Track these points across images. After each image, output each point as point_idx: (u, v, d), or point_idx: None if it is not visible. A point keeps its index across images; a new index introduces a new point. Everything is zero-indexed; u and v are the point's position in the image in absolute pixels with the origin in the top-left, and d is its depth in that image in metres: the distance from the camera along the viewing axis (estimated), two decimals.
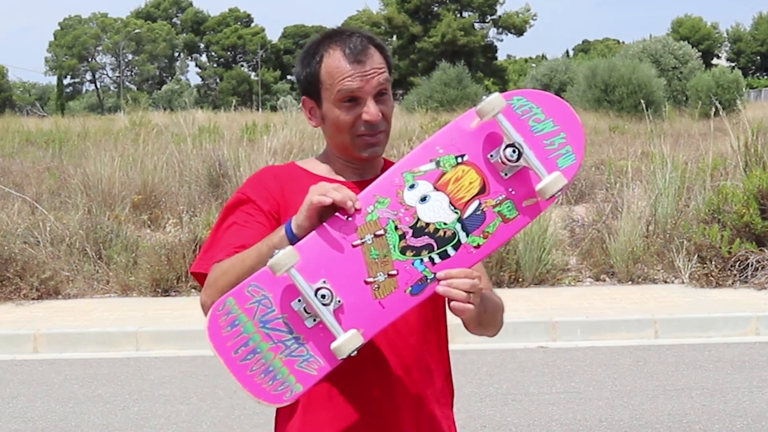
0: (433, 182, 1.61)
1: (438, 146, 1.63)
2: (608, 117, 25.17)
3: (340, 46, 1.77)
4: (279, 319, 1.57)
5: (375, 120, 1.76)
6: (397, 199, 1.61)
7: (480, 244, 1.62)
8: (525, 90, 1.68)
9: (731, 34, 72.61)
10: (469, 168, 1.62)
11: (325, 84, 1.77)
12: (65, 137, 17.18)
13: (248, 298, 1.57)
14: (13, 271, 7.52)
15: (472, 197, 1.61)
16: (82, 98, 73.04)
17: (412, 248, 1.60)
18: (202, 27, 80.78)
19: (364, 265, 1.58)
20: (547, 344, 6.34)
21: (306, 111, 1.86)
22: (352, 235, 1.58)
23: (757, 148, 8.60)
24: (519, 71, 71.34)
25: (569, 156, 1.63)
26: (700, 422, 4.62)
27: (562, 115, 1.64)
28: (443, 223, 1.61)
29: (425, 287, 1.60)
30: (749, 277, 7.48)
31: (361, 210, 1.60)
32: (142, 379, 5.72)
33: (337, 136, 1.80)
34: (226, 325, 1.59)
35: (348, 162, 1.84)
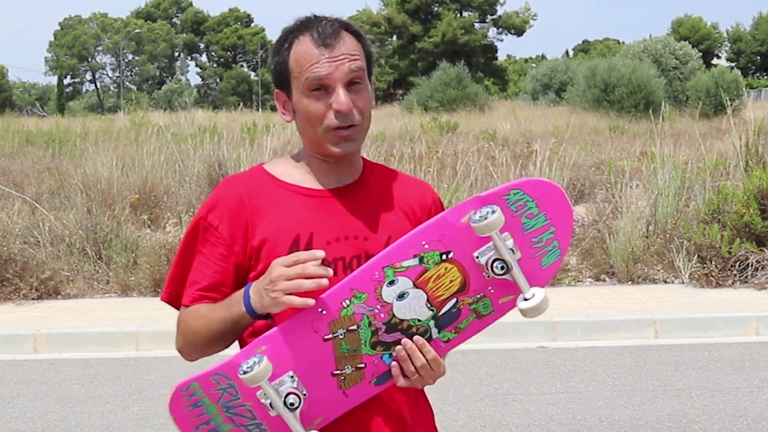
0: (414, 279, 1.56)
1: (424, 241, 1.55)
2: (608, 117, 25.16)
3: (308, 31, 1.64)
4: (243, 406, 1.57)
5: (345, 110, 1.61)
6: (374, 295, 1.55)
7: (450, 338, 1.60)
8: (524, 181, 1.59)
9: (731, 34, 72.59)
10: (453, 266, 1.56)
11: (294, 72, 1.65)
12: (65, 137, 17.17)
13: (213, 385, 1.57)
14: (13, 271, 7.52)
15: (450, 295, 1.57)
16: (82, 98, 73.02)
17: (383, 343, 1.57)
18: (202, 27, 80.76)
19: (333, 358, 1.56)
20: (547, 344, 6.34)
21: (279, 105, 1.73)
22: (324, 329, 1.55)
23: (757, 148, 8.60)
24: (519, 71, 71.33)
25: (554, 252, 1.60)
26: (700, 422, 4.62)
27: (555, 206, 1.59)
28: (418, 320, 1.58)
29: (390, 378, 1.60)
30: (749, 277, 7.48)
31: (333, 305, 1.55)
32: (142, 379, 5.72)
33: (308, 130, 1.67)
34: (189, 405, 1.58)
35: (323, 161, 1.70)
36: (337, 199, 1.69)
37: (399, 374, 1.58)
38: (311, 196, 1.69)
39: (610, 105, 27.71)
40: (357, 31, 1.69)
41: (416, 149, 11.27)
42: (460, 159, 10.09)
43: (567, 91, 34.82)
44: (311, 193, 1.69)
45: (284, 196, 1.68)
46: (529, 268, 1.57)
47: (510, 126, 20.03)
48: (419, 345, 1.57)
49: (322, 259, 1.56)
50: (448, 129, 18.46)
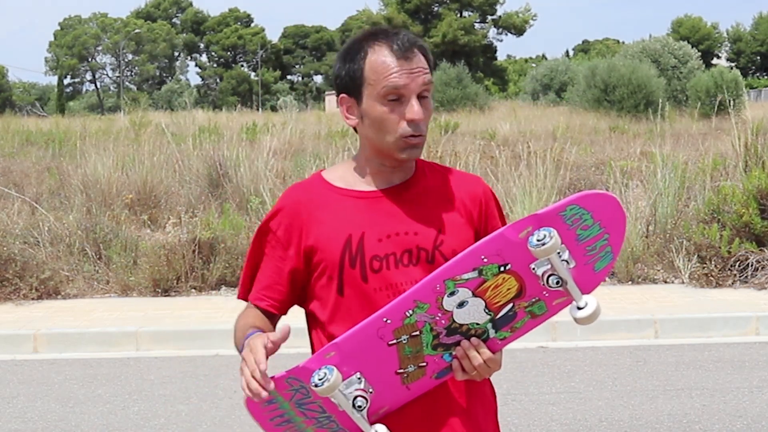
0: (473, 289, 1.64)
1: (483, 255, 1.63)
2: (608, 117, 25.17)
3: (386, 43, 1.73)
4: (314, 402, 1.68)
5: (419, 119, 1.72)
6: (436, 305, 1.64)
7: (506, 337, 1.70)
8: (580, 196, 1.64)
9: (731, 34, 72.61)
10: (510, 276, 1.64)
11: (369, 80, 1.73)
12: (65, 137, 17.17)
13: (286, 386, 1.67)
14: (13, 271, 7.52)
15: (507, 301, 1.66)
16: (82, 98, 73.06)
17: (443, 345, 1.68)
18: (202, 27, 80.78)
19: (397, 359, 1.67)
20: (547, 344, 6.34)
21: (343, 109, 1.81)
22: (388, 335, 1.65)
23: (756, 148, 8.61)
24: (519, 71, 71.38)
25: (607, 257, 1.68)
26: (700, 422, 4.62)
27: (610, 215, 1.65)
28: (476, 323, 1.67)
29: (450, 372, 1.71)
30: (749, 277, 7.48)
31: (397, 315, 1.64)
32: (142, 379, 5.72)
33: (376, 135, 1.76)
34: (265, 401, 1.67)
35: (382, 164, 1.80)
36: (387, 198, 1.79)
37: (459, 369, 1.69)
38: (361, 198, 1.79)
39: (610, 105, 27.71)
40: (424, 47, 1.78)
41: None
42: (459, 159, 10.09)
43: (567, 91, 34.83)
44: (361, 195, 1.79)
45: (336, 201, 1.80)
46: (583, 274, 1.66)
47: (510, 126, 20.03)
48: (476, 345, 1.67)
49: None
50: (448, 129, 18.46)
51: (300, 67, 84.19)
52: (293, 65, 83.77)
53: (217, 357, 6.15)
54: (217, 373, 5.72)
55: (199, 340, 6.42)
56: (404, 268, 1.74)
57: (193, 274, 7.69)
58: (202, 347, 6.36)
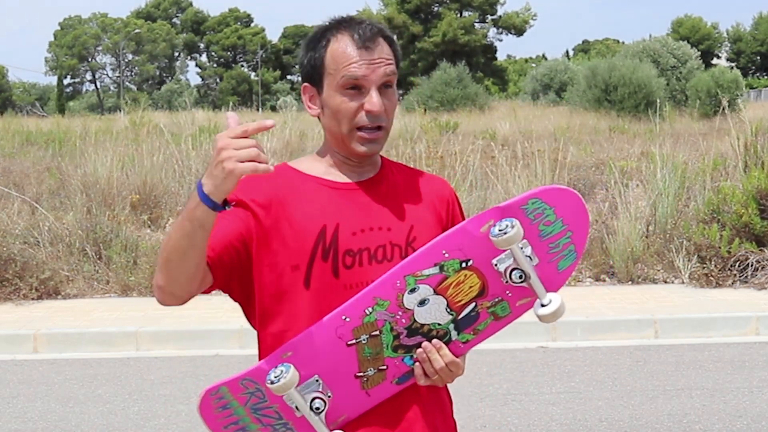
0: (434, 286, 1.60)
1: (444, 250, 1.59)
2: (608, 117, 25.16)
3: (348, 32, 1.70)
4: (270, 407, 1.61)
5: (377, 111, 1.67)
6: (396, 302, 1.59)
7: (469, 339, 1.66)
8: (542, 189, 1.61)
9: (731, 34, 72.60)
10: (472, 273, 1.60)
11: (329, 69, 1.69)
12: (65, 137, 17.16)
13: (241, 389, 1.61)
14: (13, 271, 7.52)
15: (470, 300, 1.62)
16: (82, 98, 73.03)
17: (404, 347, 1.63)
18: (202, 27, 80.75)
19: (356, 361, 1.61)
20: (547, 344, 6.34)
21: (305, 98, 1.76)
22: (347, 335, 1.60)
23: (756, 148, 8.61)
24: (519, 71, 71.37)
25: (570, 256, 1.64)
26: (700, 422, 4.62)
27: (572, 212, 1.62)
28: (438, 323, 1.63)
29: (411, 377, 1.65)
30: (749, 277, 7.48)
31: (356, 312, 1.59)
32: (142, 379, 5.72)
33: (335, 126, 1.71)
34: (218, 407, 1.62)
35: (346, 158, 1.75)
36: (361, 191, 1.74)
37: (421, 374, 1.65)
38: (336, 188, 1.73)
39: (610, 105, 27.70)
40: (390, 37, 1.74)
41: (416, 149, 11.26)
42: (459, 159, 10.09)
43: (567, 91, 34.81)
44: (336, 185, 1.74)
45: (311, 188, 1.73)
46: (546, 273, 1.62)
47: (510, 126, 20.01)
48: (437, 348, 1.63)
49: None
50: (449, 129, 18.45)
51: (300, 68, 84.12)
52: (293, 65, 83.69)
53: (217, 357, 6.15)
54: (217, 373, 5.72)
55: (199, 340, 6.42)
56: (377, 265, 1.68)
57: None
58: (202, 347, 6.37)
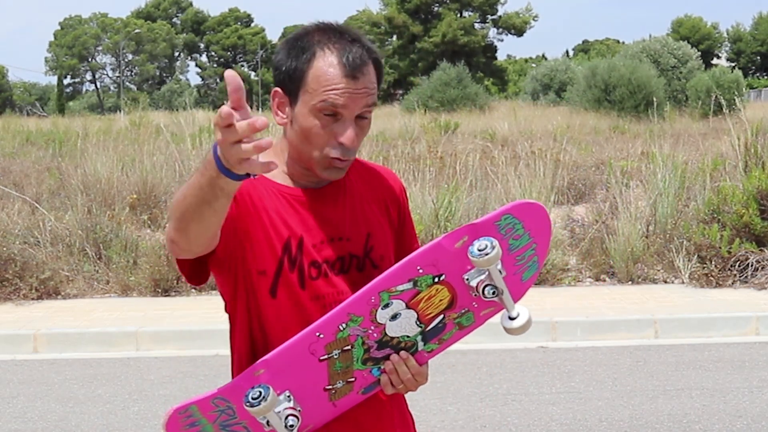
0: (407, 301, 1.62)
1: (419, 266, 1.61)
2: (608, 117, 25.16)
3: (337, 51, 1.60)
4: (239, 424, 1.61)
5: (350, 145, 1.61)
6: (369, 318, 1.61)
7: (433, 349, 1.69)
8: (513, 205, 1.64)
9: (731, 34, 72.61)
10: (443, 287, 1.63)
11: (309, 86, 1.60)
12: (65, 137, 17.17)
13: (212, 407, 1.61)
14: (13, 271, 7.51)
15: (439, 312, 1.65)
16: (82, 98, 73.02)
17: (373, 359, 1.65)
18: (202, 27, 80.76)
19: (326, 375, 1.63)
20: (547, 344, 6.34)
21: (274, 103, 1.67)
22: (320, 350, 1.61)
23: (756, 148, 8.60)
24: (519, 71, 71.38)
25: (533, 267, 1.68)
26: (700, 422, 4.62)
27: (538, 225, 1.65)
28: (407, 336, 1.65)
29: (376, 387, 1.68)
30: (749, 277, 7.48)
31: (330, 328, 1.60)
32: (142, 379, 5.72)
33: (302, 146, 1.64)
34: (186, 425, 1.62)
35: (305, 170, 1.70)
36: (318, 201, 1.70)
37: (387, 383, 1.66)
38: (296, 198, 1.69)
39: (610, 105, 27.71)
40: (378, 59, 1.66)
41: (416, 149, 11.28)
42: (459, 159, 10.09)
43: (567, 91, 34.81)
44: (295, 193, 1.69)
45: (274, 194, 1.68)
46: (511, 284, 1.64)
47: (510, 126, 20.02)
48: (405, 359, 1.64)
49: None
50: (448, 129, 18.46)
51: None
52: None
53: (217, 357, 6.15)
54: (217, 373, 5.72)
55: (199, 340, 6.42)
56: (335, 277, 1.67)
57: None
58: (202, 347, 6.36)
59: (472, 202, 8.58)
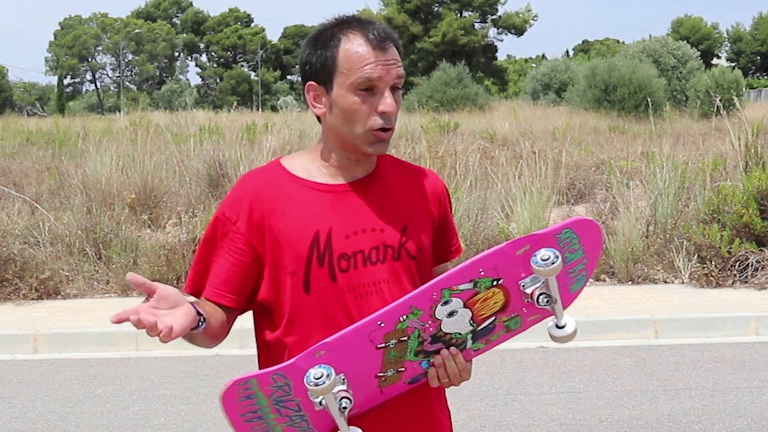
0: (465, 300, 1.69)
1: (481, 268, 1.68)
2: (608, 117, 25.16)
3: (361, 31, 1.69)
4: (293, 401, 1.68)
5: (392, 112, 1.69)
6: (429, 312, 1.67)
7: (480, 348, 1.78)
8: (574, 221, 1.71)
9: (731, 34, 72.62)
10: (500, 291, 1.70)
11: (342, 68, 1.67)
12: (65, 137, 17.17)
13: (270, 383, 1.67)
14: (13, 271, 7.51)
15: (491, 314, 1.72)
16: (82, 98, 73.04)
17: (425, 352, 1.72)
18: (202, 27, 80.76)
19: (380, 363, 1.70)
20: (547, 344, 6.34)
21: (309, 97, 1.74)
22: (379, 339, 1.67)
23: (756, 148, 8.60)
24: (519, 71, 71.38)
25: (581, 280, 1.77)
26: (700, 422, 4.62)
27: (591, 242, 1.74)
28: (459, 333, 1.72)
29: (422, 378, 1.75)
30: (749, 277, 7.48)
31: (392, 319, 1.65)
32: (142, 379, 5.72)
33: (345, 126, 1.70)
34: (242, 396, 1.68)
35: (346, 157, 1.75)
36: (353, 192, 1.75)
37: (434, 377, 1.72)
38: (327, 191, 1.74)
39: (610, 105, 27.70)
40: (396, 40, 1.75)
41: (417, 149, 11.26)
42: (459, 159, 10.09)
43: (567, 91, 34.81)
44: (327, 188, 1.74)
45: (301, 192, 1.73)
46: (561, 294, 1.71)
47: (510, 126, 20.02)
48: (454, 355, 1.71)
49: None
50: (449, 129, 18.46)
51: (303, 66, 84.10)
52: (293, 65, 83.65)
53: (217, 357, 6.15)
54: (217, 373, 5.72)
55: None
56: (371, 267, 1.72)
57: None
58: (202, 347, 6.36)
59: (472, 202, 8.58)
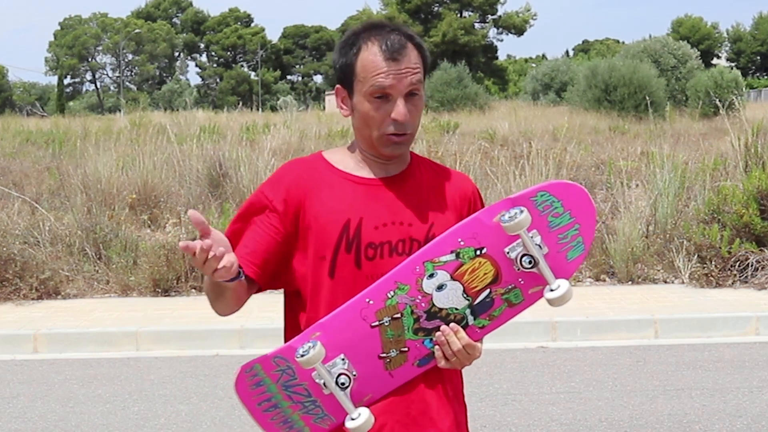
0: (451, 272, 1.72)
1: (460, 238, 1.71)
2: (609, 117, 25.15)
3: (378, 41, 1.78)
4: (300, 385, 1.73)
5: (403, 120, 1.78)
6: (416, 287, 1.71)
7: (485, 325, 1.77)
8: (549, 183, 1.74)
9: (731, 34, 72.59)
10: (486, 260, 1.72)
11: (359, 76, 1.79)
12: (65, 137, 17.16)
13: (273, 367, 1.73)
14: (13, 271, 7.51)
15: (484, 286, 1.73)
16: (82, 98, 73.02)
17: (424, 330, 1.74)
18: (202, 27, 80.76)
19: (379, 343, 1.74)
20: (547, 344, 6.34)
21: (338, 99, 1.87)
22: (371, 317, 1.72)
23: (757, 148, 8.60)
24: (519, 71, 71.35)
25: (579, 247, 1.76)
26: (700, 422, 4.62)
27: (579, 206, 1.75)
28: (455, 308, 1.74)
29: (431, 360, 1.76)
30: (749, 277, 7.48)
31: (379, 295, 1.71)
32: (142, 379, 5.72)
33: (364, 129, 1.82)
34: (253, 384, 1.74)
35: (374, 157, 1.86)
36: (386, 187, 1.84)
37: (441, 356, 1.75)
38: (362, 184, 1.84)
39: (610, 105, 27.70)
40: (420, 43, 1.82)
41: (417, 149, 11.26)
42: (459, 159, 10.08)
43: (567, 91, 34.80)
44: (362, 180, 1.84)
45: (337, 182, 1.84)
46: (556, 262, 1.73)
47: (510, 126, 20.01)
48: (455, 331, 1.74)
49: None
50: (449, 129, 18.46)
51: (300, 67, 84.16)
52: (293, 65, 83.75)
53: (217, 357, 6.15)
54: (217, 373, 5.72)
55: (199, 340, 6.42)
56: (397, 257, 1.78)
57: (193, 274, 7.68)
58: (202, 347, 6.37)
59: None
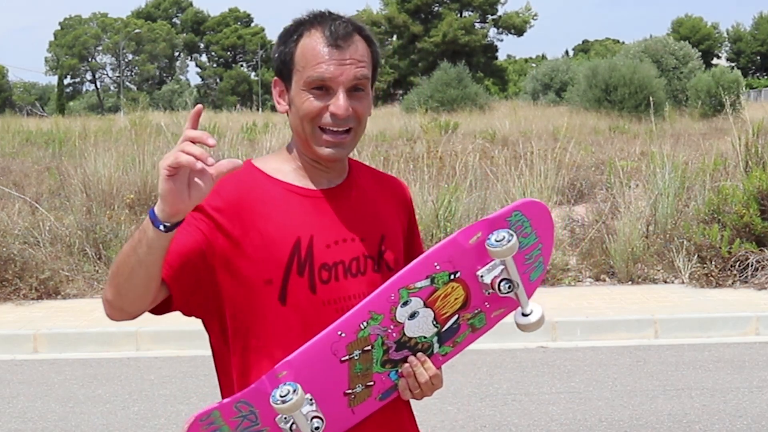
0: (425, 299, 1.61)
1: (436, 262, 1.60)
2: (609, 117, 25.17)
3: (321, 27, 1.60)
4: (262, 431, 1.57)
5: (342, 114, 1.59)
6: (389, 316, 1.59)
7: (447, 352, 1.68)
8: (522, 203, 1.66)
9: (731, 34, 72.58)
10: (459, 285, 1.62)
11: (298, 65, 1.60)
12: (65, 137, 17.17)
13: (234, 413, 1.56)
14: (13, 271, 7.51)
15: (453, 312, 1.64)
16: (82, 98, 73.02)
17: (391, 361, 1.63)
18: (202, 27, 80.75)
19: (347, 378, 1.60)
20: (547, 344, 6.34)
21: (275, 93, 1.68)
22: (342, 350, 1.57)
23: (757, 148, 8.60)
24: (519, 71, 71.34)
25: (540, 267, 1.69)
26: (700, 422, 4.62)
27: (543, 225, 1.67)
28: (424, 337, 1.64)
29: (394, 392, 1.66)
30: (749, 277, 7.48)
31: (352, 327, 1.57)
32: (142, 379, 5.72)
33: (299, 125, 1.63)
34: (205, 424, 1.57)
35: (313, 162, 1.67)
36: (331, 200, 1.67)
37: (405, 388, 1.64)
38: (306, 197, 1.66)
39: (610, 105, 27.71)
40: (369, 36, 1.65)
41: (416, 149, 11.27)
42: (459, 159, 10.08)
43: (567, 91, 34.82)
44: (306, 193, 1.66)
45: (281, 195, 1.65)
46: (522, 283, 1.65)
47: (510, 126, 20.02)
48: (422, 361, 1.63)
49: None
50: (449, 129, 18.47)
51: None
52: None
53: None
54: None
55: (199, 340, 6.40)
56: (352, 279, 1.64)
57: None
58: (202, 347, 6.35)
59: (471, 202, 8.58)
